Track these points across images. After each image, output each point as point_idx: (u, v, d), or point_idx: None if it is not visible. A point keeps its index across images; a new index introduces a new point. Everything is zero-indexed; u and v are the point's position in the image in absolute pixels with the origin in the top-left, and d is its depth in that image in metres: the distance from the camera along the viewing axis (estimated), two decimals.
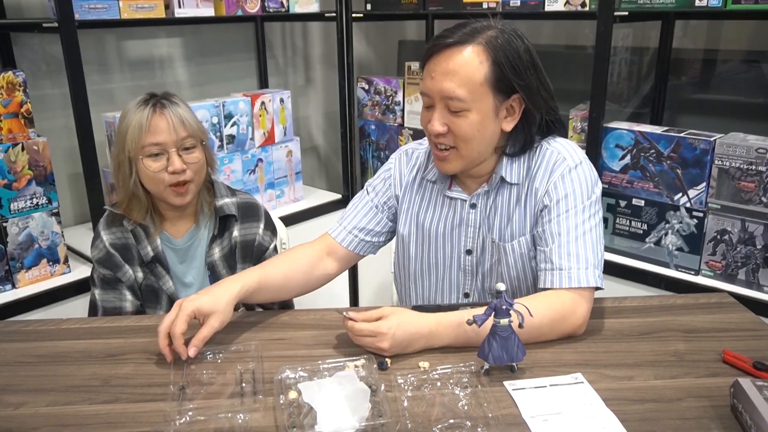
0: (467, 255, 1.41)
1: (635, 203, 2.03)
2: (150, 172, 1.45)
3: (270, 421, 1.01)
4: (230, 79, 2.78)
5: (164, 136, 1.44)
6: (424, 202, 1.44)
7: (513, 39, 1.24)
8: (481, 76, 1.21)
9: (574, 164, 1.31)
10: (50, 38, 2.20)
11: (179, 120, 1.46)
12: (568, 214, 1.28)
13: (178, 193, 1.48)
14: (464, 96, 1.22)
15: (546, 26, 2.69)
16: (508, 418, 1.00)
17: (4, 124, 1.79)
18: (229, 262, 1.59)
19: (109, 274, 1.53)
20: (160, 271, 1.55)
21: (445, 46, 1.23)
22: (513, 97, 1.26)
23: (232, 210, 1.58)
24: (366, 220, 1.48)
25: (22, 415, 1.04)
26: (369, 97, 2.73)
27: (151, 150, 1.45)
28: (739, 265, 1.85)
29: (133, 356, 1.22)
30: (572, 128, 2.18)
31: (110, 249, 1.53)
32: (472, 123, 1.24)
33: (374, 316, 1.18)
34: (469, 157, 1.30)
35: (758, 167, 1.76)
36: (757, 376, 1.09)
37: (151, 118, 1.44)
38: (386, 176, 1.51)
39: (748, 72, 2.21)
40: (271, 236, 1.64)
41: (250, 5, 2.35)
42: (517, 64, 1.22)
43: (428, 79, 1.26)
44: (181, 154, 1.46)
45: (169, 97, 1.49)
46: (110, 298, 1.54)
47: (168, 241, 1.57)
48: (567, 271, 1.25)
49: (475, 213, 1.38)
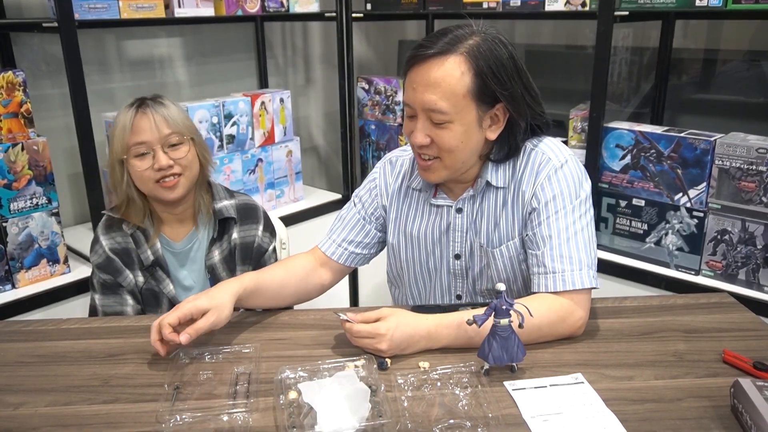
0: (456, 260, 1.40)
1: (635, 203, 2.03)
2: (138, 171, 1.47)
3: (270, 421, 1.01)
4: (230, 79, 2.78)
5: (147, 135, 1.46)
6: (411, 210, 1.43)
7: (496, 46, 1.21)
8: (464, 87, 1.19)
9: (559, 164, 1.29)
10: (50, 38, 2.20)
11: (162, 118, 1.47)
12: (558, 215, 1.27)
13: (166, 186, 1.48)
14: (447, 108, 1.20)
15: (546, 26, 2.69)
16: (508, 419, 1.00)
17: (4, 124, 1.79)
18: (228, 265, 1.59)
19: (109, 279, 1.53)
20: (160, 275, 1.55)
21: (427, 57, 1.20)
22: (497, 106, 1.24)
23: (231, 212, 1.58)
24: (354, 232, 1.47)
25: (22, 415, 1.04)
26: (369, 97, 2.73)
27: (137, 150, 1.46)
28: (740, 265, 1.85)
29: (132, 356, 1.22)
30: (572, 128, 2.18)
31: (110, 254, 1.53)
32: (455, 134, 1.22)
33: (373, 317, 1.18)
34: (453, 166, 1.28)
35: (758, 167, 1.76)
36: (758, 376, 1.09)
37: (134, 119, 1.46)
38: (371, 186, 1.48)
39: (748, 72, 2.21)
40: (270, 238, 1.64)
41: (250, 5, 2.35)
42: (500, 74, 1.20)
43: (410, 90, 1.24)
44: (166, 151, 1.47)
45: (156, 98, 1.51)
46: (110, 303, 1.54)
47: (167, 244, 1.57)
48: (561, 274, 1.24)
49: (462, 218, 1.37)
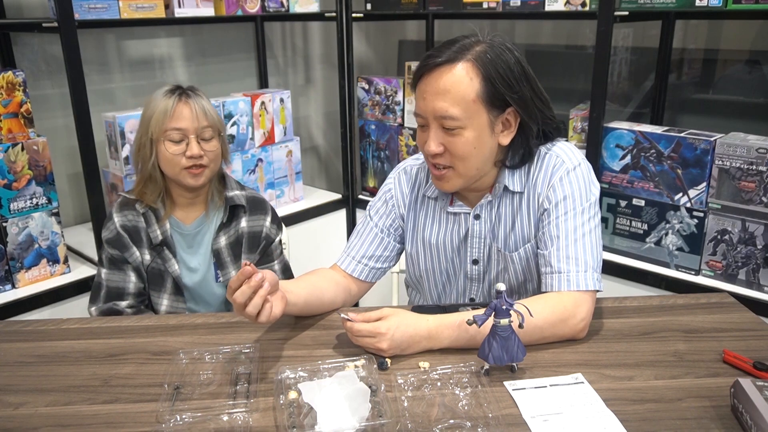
0: (473, 265, 1.41)
1: (635, 203, 2.03)
2: (169, 154, 1.53)
3: (270, 421, 1.01)
4: (230, 79, 2.78)
5: (186, 123, 1.52)
6: (428, 219, 1.43)
7: (503, 52, 1.22)
8: (473, 92, 1.20)
9: (572, 166, 1.30)
10: (50, 38, 2.20)
11: (202, 110, 1.54)
12: (567, 216, 1.28)
13: (192, 174, 1.55)
14: (458, 114, 1.21)
15: (546, 26, 2.69)
16: (508, 418, 1.00)
17: (4, 124, 1.79)
18: (234, 251, 1.64)
19: (117, 254, 1.58)
20: (167, 255, 1.60)
21: (435, 66, 1.22)
22: (507, 111, 1.24)
23: (242, 201, 1.65)
24: (374, 247, 1.45)
25: (22, 415, 1.04)
26: (369, 97, 2.73)
27: (172, 135, 1.52)
28: (740, 265, 1.85)
29: (132, 356, 1.22)
30: (572, 128, 2.18)
31: (120, 230, 1.58)
32: (467, 140, 1.23)
33: (374, 317, 1.18)
34: (468, 174, 1.29)
35: (759, 167, 1.76)
36: (758, 376, 1.09)
37: (176, 106, 1.53)
38: (387, 197, 1.48)
39: (748, 72, 2.21)
40: (277, 230, 1.70)
41: (250, 5, 2.35)
42: (508, 77, 1.21)
43: (420, 101, 1.25)
44: (199, 142, 1.54)
45: (194, 90, 1.58)
46: (115, 278, 1.58)
47: (177, 226, 1.63)
48: (566, 274, 1.25)
49: (480, 224, 1.37)
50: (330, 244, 2.77)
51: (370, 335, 1.16)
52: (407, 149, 2.64)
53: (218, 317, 1.38)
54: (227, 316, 1.38)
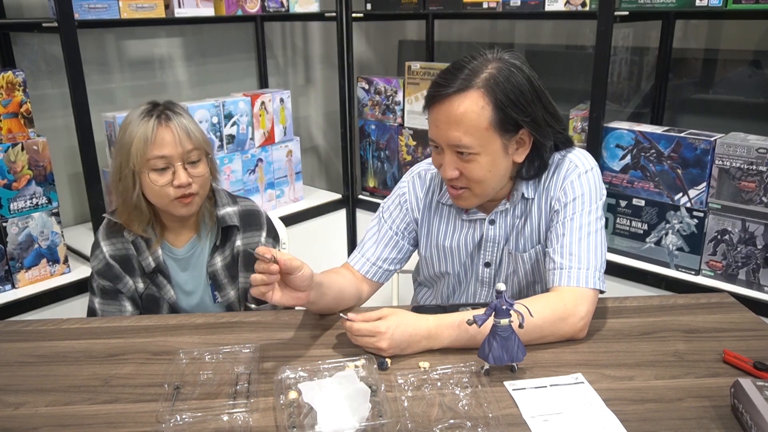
0: (486, 267, 1.42)
1: (635, 203, 2.03)
2: (156, 186, 1.42)
3: (270, 421, 1.01)
4: (230, 79, 2.78)
5: (170, 149, 1.41)
6: (443, 223, 1.44)
7: (512, 74, 1.21)
8: (486, 121, 1.20)
9: (584, 170, 1.32)
10: (50, 38, 2.20)
11: (185, 132, 1.42)
12: (574, 216, 1.29)
13: (183, 203, 1.45)
14: (471, 143, 1.22)
15: (546, 26, 2.69)
16: (508, 418, 1.00)
17: (3, 124, 1.79)
18: (230, 272, 1.58)
19: (108, 285, 1.51)
20: (161, 281, 1.54)
21: (446, 96, 1.22)
22: (521, 132, 1.25)
23: (234, 220, 1.55)
24: (388, 249, 1.45)
25: (22, 415, 1.04)
26: (369, 97, 2.73)
27: (156, 164, 1.41)
28: (740, 265, 1.85)
29: (132, 356, 1.22)
30: (572, 128, 2.18)
31: (110, 260, 1.50)
32: (482, 165, 1.24)
33: (374, 317, 1.19)
34: (484, 193, 1.30)
35: (759, 167, 1.76)
36: (758, 376, 1.09)
37: (157, 131, 1.40)
38: (402, 201, 1.47)
39: (748, 72, 2.21)
40: (273, 243, 1.62)
41: (250, 5, 2.35)
42: (519, 101, 1.21)
43: (434, 128, 1.26)
44: (186, 168, 1.43)
45: (173, 108, 1.45)
46: (110, 309, 1.52)
47: (169, 250, 1.55)
48: (567, 270, 1.26)
49: (495, 228, 1.38)
50: (330, 244, 2.77)
51: (369, 335, 1.16)
52: (407, 149, 2.64)
53: (218, 317, 1.38)
54: (227, 316, 1.38)
